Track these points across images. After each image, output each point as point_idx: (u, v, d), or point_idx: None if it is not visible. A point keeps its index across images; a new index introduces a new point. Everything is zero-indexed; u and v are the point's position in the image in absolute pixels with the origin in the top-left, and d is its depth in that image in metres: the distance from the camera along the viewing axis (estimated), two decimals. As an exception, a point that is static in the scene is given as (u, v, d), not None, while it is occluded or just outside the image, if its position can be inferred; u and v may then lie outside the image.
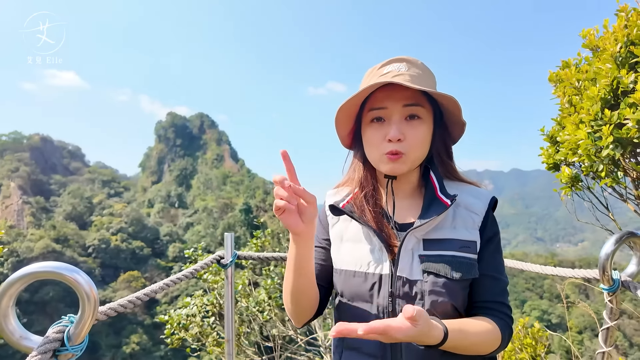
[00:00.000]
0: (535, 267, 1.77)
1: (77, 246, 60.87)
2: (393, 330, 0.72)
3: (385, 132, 0.94)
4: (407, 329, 0.73)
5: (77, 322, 0.87)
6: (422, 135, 0.94)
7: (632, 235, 1.32)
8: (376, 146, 0.96)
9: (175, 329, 3.28)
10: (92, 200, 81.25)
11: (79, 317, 0.87)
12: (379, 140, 0.95)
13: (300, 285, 0.95)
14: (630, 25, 1.52)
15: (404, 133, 0.92)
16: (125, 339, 48.73)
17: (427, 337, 0.77)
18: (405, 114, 0.94)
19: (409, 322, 0.73)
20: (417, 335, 0.74)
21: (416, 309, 0.73)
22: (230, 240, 1.73)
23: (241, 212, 74.81)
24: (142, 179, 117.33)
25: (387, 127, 0.94)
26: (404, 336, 0.73)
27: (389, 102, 0.94)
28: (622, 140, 1.48)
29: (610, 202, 2.05)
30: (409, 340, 0.75)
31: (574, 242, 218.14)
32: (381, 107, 0.94)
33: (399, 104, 0.93)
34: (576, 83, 1.79)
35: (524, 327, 2.46)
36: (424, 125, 0.95)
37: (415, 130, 0.93)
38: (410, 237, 0.93)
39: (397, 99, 0.93)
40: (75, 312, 0.87)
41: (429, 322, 0.77)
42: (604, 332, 1.39)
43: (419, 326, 0.73)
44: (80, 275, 0.86)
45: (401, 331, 0.73)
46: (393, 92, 0.93)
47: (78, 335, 0.87)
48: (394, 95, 0.93)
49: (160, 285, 1.25)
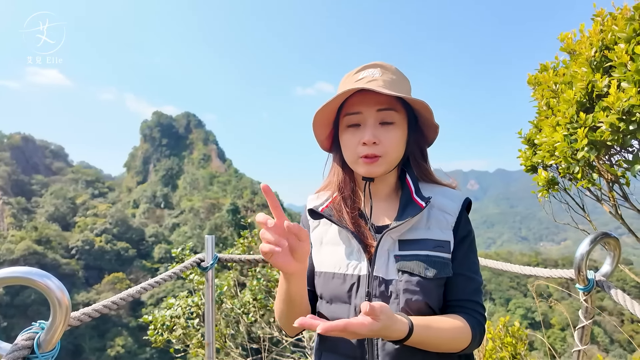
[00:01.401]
0: (515, 268, 1.80)
1: (59, 248, 59.63)
2: (354, 327, 0.73)
3: (361, 136, 0.96)
4: (370, 324, 0.74)
5: (48, 328, 0.85)
6: (396, 139, 0.97)
7: (606, 236, 1.34)
8: (352, 150, 0.98)
9: (159, 330, 3.24)
10: (75, 201, 79.72)
11: (50, 324, 0.85)
12: (354, 144, 0.97)
13: (292, 315, 0.97)
14: (605, 30, 1.56)
15: (378, 137, 0.95)
16: (109, 341, 47.92)
17: (392, 332, 0.78)
18: (380, 119, 0.96)
19: (370, 317, 0.74)
20: (381, 330, 0.76)
21: (378, 304, 0.75)
22: (211, 243, 1.70)
23: (228, 213, 74.28)
24: (127, 179, 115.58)
25: (362, 131, 0.96)
26: (368, 331, 0.74)
27: (363, 107, 0.96)
28: (596, 143, 1.52)
29: (590, 203, 2.10)
30: (373, 335, 0.77)
31: (557, 240, 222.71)
32: (356, 112, 0.97)
33: (373, 109, 0.96)
34: (553, 86, 1.83)
35: (504, 326, 2.49)
36: (398, 129, 0.97)
37: (390, 134, 0.96)
38: (386, 238, 0.95)
39: (371, 104, 0.96)
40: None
41: (392, 317, 0.78)
42: (580, 330, 1.42)
43: (381, 321, 0.75)
44: (52, 281, 0.84)
45: (363, 327, 0.74)
46: (367, 98, 0.96)
47: (49, 342, 0.85)
48: (367, 101, 0.96)
49: (138, 289, 1.23)
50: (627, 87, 1.34)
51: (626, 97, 1.32)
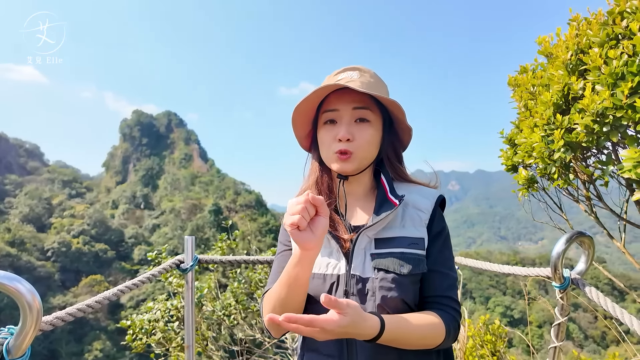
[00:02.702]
0: (494, 267, 1.83)
1: (34, 250, 57.78)
2: (320, 322, 0.73)
3: (337, 132, 1.00)
4: (338, 320, 0.74)
5: (18, 333, 0.82)
6: (369, 137, 1.00)
7: (581, 235, 1.38)
8: (328, 146, 1.02)
9: (138, 334, 3.16)
10: (51, 202, 77.44)
11: (20, 329, 0.82)
12: (330, 140, 1.01)
13: (292, 303, 0.94)
14: (581, 34, 1.60)
15: (352, 133, 0.99)
16: (87, 345, 46.64)
17: (362, 329, 0.79)
18: (355, 116, 1.00)
19: (337, 313, 0.75)
20: (350, 326, 0.76)
21: (345, 300, 0.75)
22: (191, 244, 1.67)
23: (210, 213, 73.44)
24: (106, 179, 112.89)
25: (338, 128, 1.00)
26: (336, 327, 0.74)
27: (340, 105, 1.00)
28: (572, 144, 1.56)
29: (566, 202, 2.15)
30: (343, 332, 0.76)
31: (534, 240, 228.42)
32: (333, 109, 1.01)
33: (349, 107, 1.00)
34: (531, 88, 1.87)
35: (484, 324, 2.53)
36: (372, 128, 1.01)
37: (363, 132, 1.00)
38: (362, 236, 0.98)
39: (348, 101, 1.00)
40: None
41: (362, 314, 0.79)
42: (556, 327, 1.45)
43: (349, 316, 0.75)
44: (22, 284, 0.81)
45: (331, 323, 0.74)
46: (344, 96, 1.00)
47: (19, 348, 0.82)
48: (344, 99, 1.00)
49: (115, 292, 1.19)
50: (601, 90, 1.37)
51: (600, 99, 1.36)
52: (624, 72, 1.30)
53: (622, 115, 1.31)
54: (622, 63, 1.31)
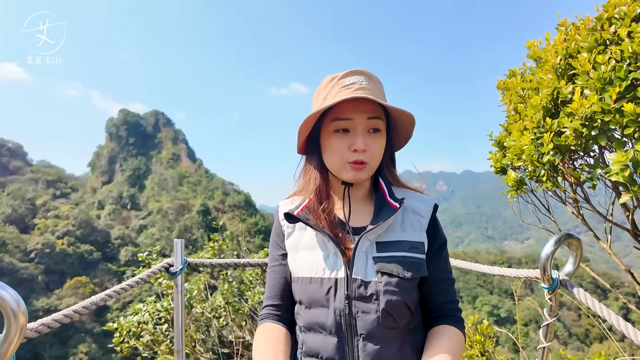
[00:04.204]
0: (484, 268, 1.84)
1: (17, 251, 56.52)
2: None
3: (350, 141, 0.98)
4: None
5: (2, 341, 0.80)
6: (381, 147, 1.01)
7: (569, 237, 1.39)
8: (340, 155, 0.99)
9: (125, 337, 3.11)
10: (35, 202, 75.80)
11: (4, 336, 0.80)
12: (343, 149, 0.99)
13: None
14: (569, 39, 1.63)
15: (368, 144, 0.98)
16: (72, 349, 45.75)
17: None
18: (369, 127, 0.99)
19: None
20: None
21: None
22: (180, 247, 1.64)
23: (199, 214, 72.85)
24: (92, 179, 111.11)
25: (352, 137, 0.98)
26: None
27: (354, 114, 0.98)
28: (561, 147, 1.58)
29: (551, 203, 2.19)
30: None
31: (520, 239, 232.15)
32: (347, 117, 0.98)
33: (364, 116, 0.98)
34: (521, 92, 1.89)
35: (473, 325, 2.56)
36: (382, 137, 1.01)
37: (376, 142, 1.00)
38: (363, 240, 0.97)
39: (363, 111, 0.98)
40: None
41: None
42: (544, 328, 1.47)
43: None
44: (6, 291, 0.79)
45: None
46: (359, 105, 0.97)
47: (3, 356, 0.80)
48: (359, 108, 0.98)
49: (102, 297, 1.17)
50: (589, 95, 1.40)
51: (589, 104, 1.38)
52: (612, 77, 1.32)
53: (610, 119, 1.33)
54: (610, 68, 1.33)
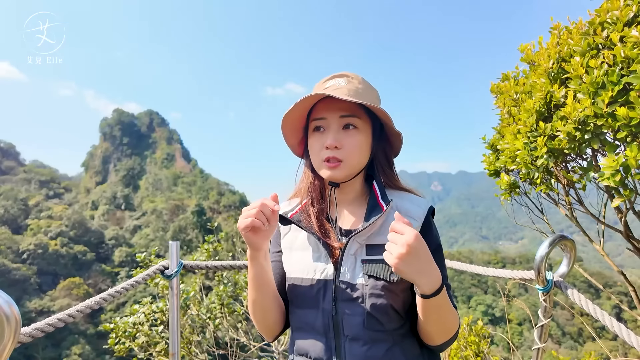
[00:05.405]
0: (479, 269, 1.85)
1: (9, 252, 55.88)
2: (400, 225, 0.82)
3: (324, 140, 1.00)
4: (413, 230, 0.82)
5: (-4, 348, 0.79)
6: (357, 143, 1.00)
7: (563, 238, 1.41)
8: (317, 153, 1.02)
9: (121, 338, 3.09)
10: (27, 202, 75.02)
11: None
12: (318, 148, 1.01)
13: (266, 302, 1.02)
14: (562, 43, 1.64)
15: (340, 141, 0.99)
16: (65, 350, 45.28)
17: (431, 265, 0.84)
18: (342, 124, 1.01)
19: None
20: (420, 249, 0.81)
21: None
22: (175, 249, 1.64)
23: (193, 214, 72.47)
24: (86, 179, 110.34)
25: (326, 136, 1.00)
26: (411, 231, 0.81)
27: (327, 113, 1.01)
28: (554, 151, 1.60)
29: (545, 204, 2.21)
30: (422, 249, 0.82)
31: (514, 239, 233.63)
32: (321, 117, 1.02)
33: (336, 115, 1.00)
34: (514, 95, 1.91)
35: (468, 326, 2.57)
36: (360, 134, 1.01)
37: (351, 139, 1.00)
38: (352, 242, 0.97)
39: (335, 110, 1.00)
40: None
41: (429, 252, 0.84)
42: (539, 329, 1.48)
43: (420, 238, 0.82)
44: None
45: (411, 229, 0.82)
46: (331, 104, 1.00)
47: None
48: (332, 107, 1.00)
49: (97, 300, 1.16)
50: (582, 99, 1.41)
51: (581, 107, 1.40)
52: (605, 81, 1.34)
53: (602, 123, 1.35)
54: (602, 72, 1.35)
